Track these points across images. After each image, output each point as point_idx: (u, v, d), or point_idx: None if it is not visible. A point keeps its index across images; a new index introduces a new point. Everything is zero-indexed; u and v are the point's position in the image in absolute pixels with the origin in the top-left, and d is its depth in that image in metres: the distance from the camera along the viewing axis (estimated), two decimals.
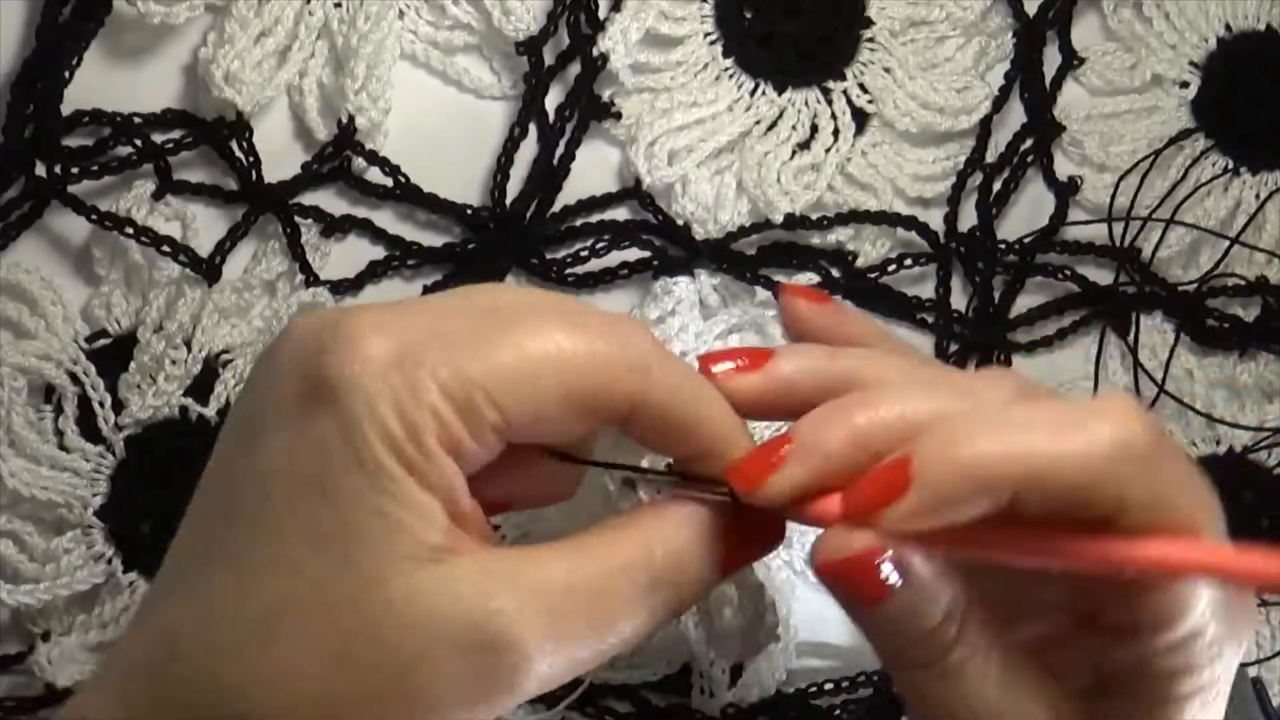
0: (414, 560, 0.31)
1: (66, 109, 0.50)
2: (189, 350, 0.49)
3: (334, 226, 0.52)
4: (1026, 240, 0.55)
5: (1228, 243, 0.55)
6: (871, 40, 0.54)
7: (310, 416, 0.31)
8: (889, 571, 0.32)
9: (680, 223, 0.53)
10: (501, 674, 0.31)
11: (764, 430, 0.44)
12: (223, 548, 0.32)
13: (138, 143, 0.50)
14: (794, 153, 0.54)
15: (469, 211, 0.52)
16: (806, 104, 0.54)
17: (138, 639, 0.33)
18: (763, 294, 0.53)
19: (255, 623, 0.31)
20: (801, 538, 0.51)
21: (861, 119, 0.54)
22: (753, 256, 0.54)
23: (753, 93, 0.54)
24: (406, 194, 0.52)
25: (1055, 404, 0.33)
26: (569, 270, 0.52)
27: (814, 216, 0.53)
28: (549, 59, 0.53)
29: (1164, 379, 0.54)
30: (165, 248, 0.49)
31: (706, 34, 0.54)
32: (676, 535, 0.34)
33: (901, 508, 0.31)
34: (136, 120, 0.50)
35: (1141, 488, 0.31)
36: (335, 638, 0.31)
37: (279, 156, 0.51)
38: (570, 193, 0.53)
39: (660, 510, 0.34)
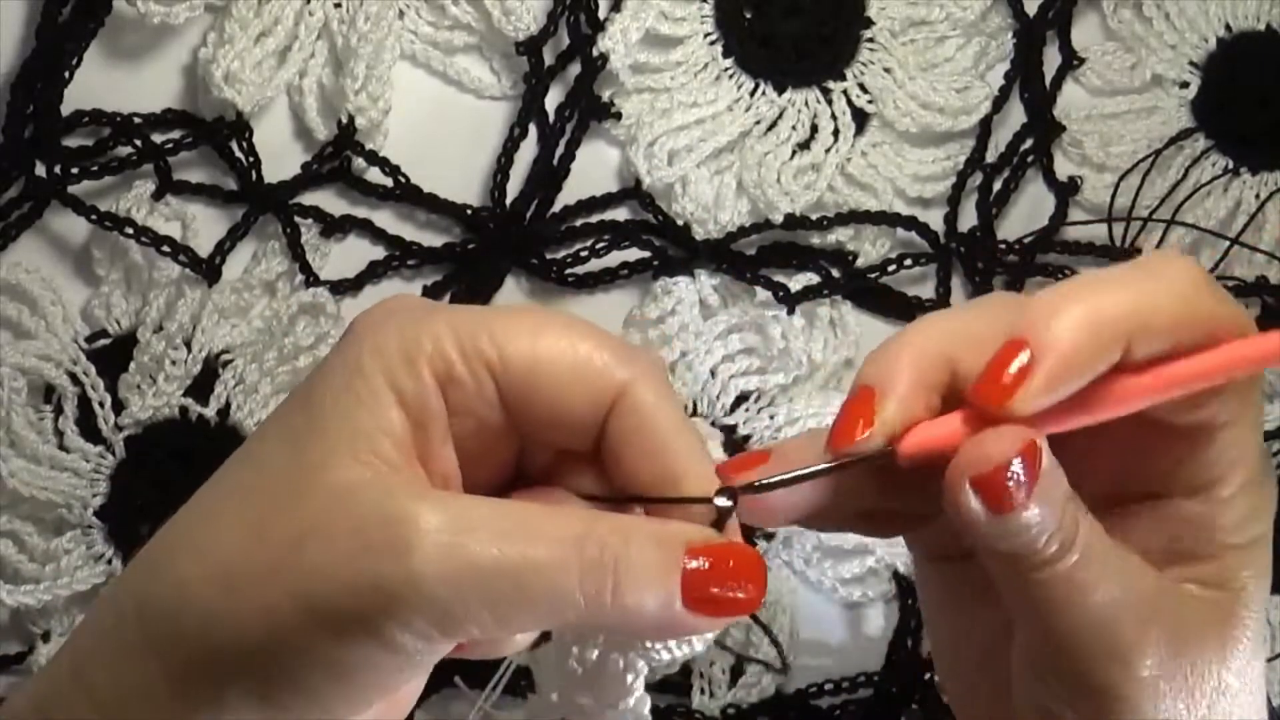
0: (354, 458, 0.31)
1: (66, 109, 0.50)
2: (189, 350, 0.49)
3: (334, 226, 0.52)
4: (1026, 240, 0.55)
5: (1226, 247, 0.55)
6: (871, 40, 0.54)
7: (325, 360, 0.33)
8: (1023, 472, 0.31)
9: (680, 223, 0.53)
10: (390, 559, 0.30)
11: None
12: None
13: (138, 143, 0.50)
14: (794, 153, 0.54)
15: (469, 211, 0.52)
16: (806, 104, 0.54)
17: None
18: (763, 294, 0.53)
19: (207, 507, 0.33)
20: (800, 537, 0.51)
21: (861, 119, 0.54)
22: (753, 256, 0.54)
23: (753, 93, 0.54)
24: (406, 194, 0.52)
25: (1120, 266, 0.34)
26: (569, 270, 0.52)
27: (814, 216, 0.53)
28: (549, 59, 0.53)
29: None
30: (165, 248, 0.49)
31: (706, 34, 0.54)
32: (629, 523, 0.32)
33: (1035, 381, 0.31)
34: (136, 120, 0.50)
35: (1223, 308, 0.33)
36: (257, 512, 0.31)
37: (279, 156, 0.51)
38: (570, 193, 0.53)
39: (621, 512, 0.34)
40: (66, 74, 0.49)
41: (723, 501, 0.33)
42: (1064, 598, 0.33)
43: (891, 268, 0.54)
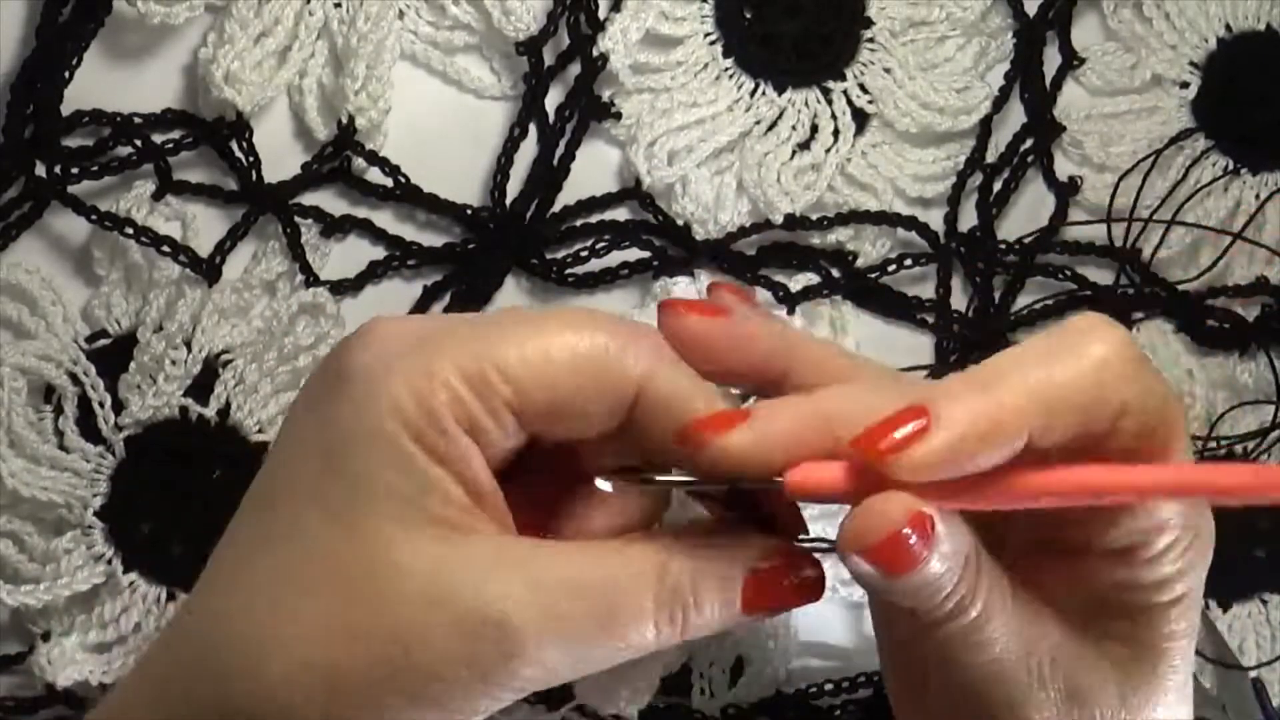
0: (422, 534, 0.31)
1: (66, 109, 0.50)
2: (189, 350, 0.49)
3: (334, 226, 0.52)
4: (1026, 240, 0.55)
5: (1228, 243, 0.55)
6: (871, 40, 0.54)
7: (329, 399, 0.33)
8: (917, 540, 0.31)
9: (680, 223, 0.53)
10: (498, 658, 0.31)
11: None
12: (239, 526, 0.34)
13: (138, 143, 0.50)
14: (794, 153, 0.54)
15: (469, 211, 0.52)
16: (806, 104, 0.54)
17: (165, 634, 0.34)
18: (763, 294, 0.53)
19: (263, 590, 0.32)
20: None
21: (861, 119, 0.54)
22: (753, 257, 0.54)
23: (753, 93, 0.54)
24: (406, 194, 0.52)
25: (1037, 339, 0.33)
26: (569, 270, 0.52)
27: (814, 216, 0.53)
28: (549, 59, 0.53)
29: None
30: (165, 248, 0.49)
31: (706, 34, 0.54)
32: (694, 553, 0.33)
33: (927, 447, 0.30)
34: (136, 120, 0.50)
35: (1139, 389, 0.32)
36: (339, 606, 0.31)
37: (279, 156, 0.51)
38: (570, 193, 0.53)
39: (687, 534, 0.34)
40: (66, 74, 0.49)
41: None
42: (960, 654, 0.34)
43: (891, 268, 0.54)
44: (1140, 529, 0.34)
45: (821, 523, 0.52)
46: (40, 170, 0.49)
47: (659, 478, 0.35)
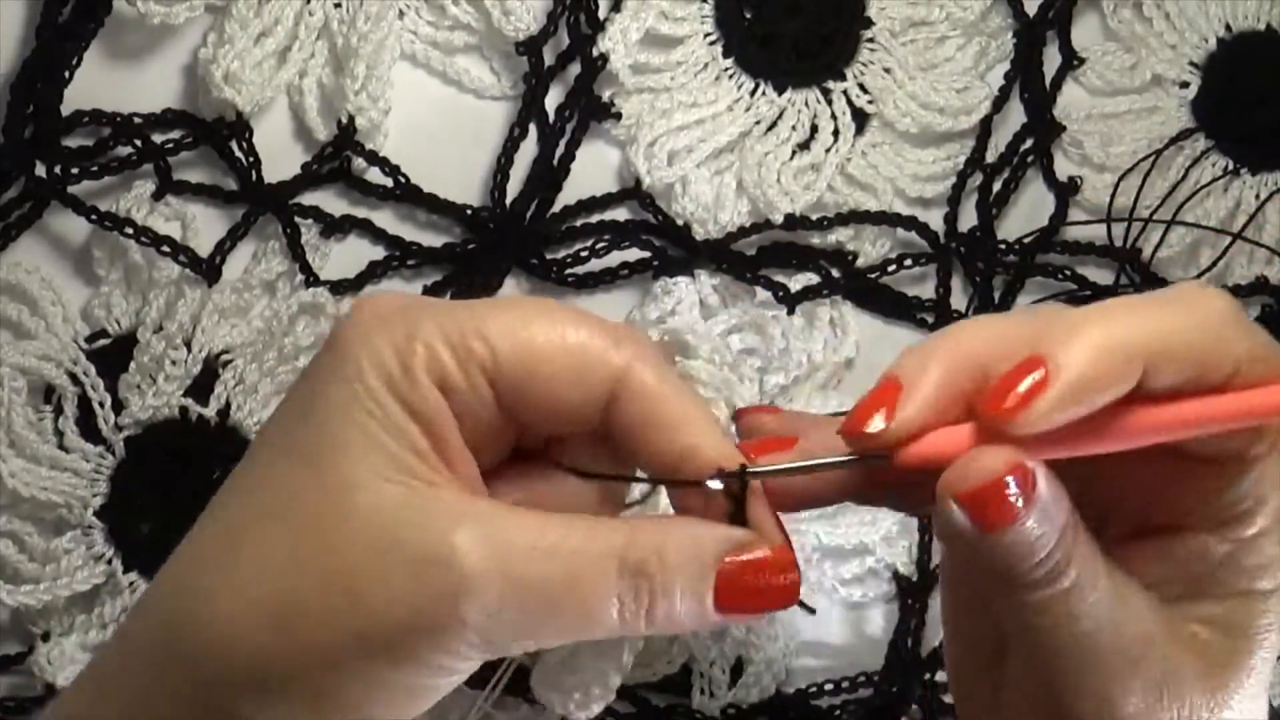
0: (384, 478, 0.31)
1: (66, 109, 0.50)
2: (189, 350, 0.49)
3: (334, 226, 0.52)
4: (1026, 240, 0.55)
5: (1228, 243, 0.55)
6: (871, 40, 0.54)
7: (314, 361, 0.33)
8: (1016, 493, 0.31)
9: (680, 223, 0.53)
10: (445, 600, 0.31)
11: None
12: (218, 493, 0.34)
13: (138, 143, 0.50)
14: (794, 153, 0.54)
15: (469, 211, 0.52)
16: (806, 104, 0.54)
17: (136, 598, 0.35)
18: (763, 294, 0.53)
19: (225, 534, 0.32)
20: (800, 537, 0.51)
21: (861, 119, 0.54)
22: (753, 256, 0.54)
23: (753, 93, 0.54)
24: (406, 194, 0.52)
25: (1154, 293, 0.34)
26: (569, 270, 0.52)
27: (814, 216, 0.53)
28: (549, 59, 0.53)
29: None
30: (165, 248, 0.49)
31: (706, 34, 0.54)
32: (666, 534, 0.33)
33: (1047, 398, 0.31)
34: (136, 120, 0.50)
35: (1250, 344, 0.32)
36: (293, 543, 0.31)
37: (279, 156, 0.51)
38: (570, 193, 0.53)
39: (658, 516, 0.34)
40: (66, 74, 0.49)
41: (714, 484, 0.33)
42: (1051, 624, 0.33)
43: (891, 268, 0.54)
44: (1245, 499, 0.34)
45: (820, 523, 0.52)
46: (40, 170, 0.49)
47: (801, 463, 0.34)
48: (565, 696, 0.43)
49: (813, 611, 0.41)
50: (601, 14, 0.53)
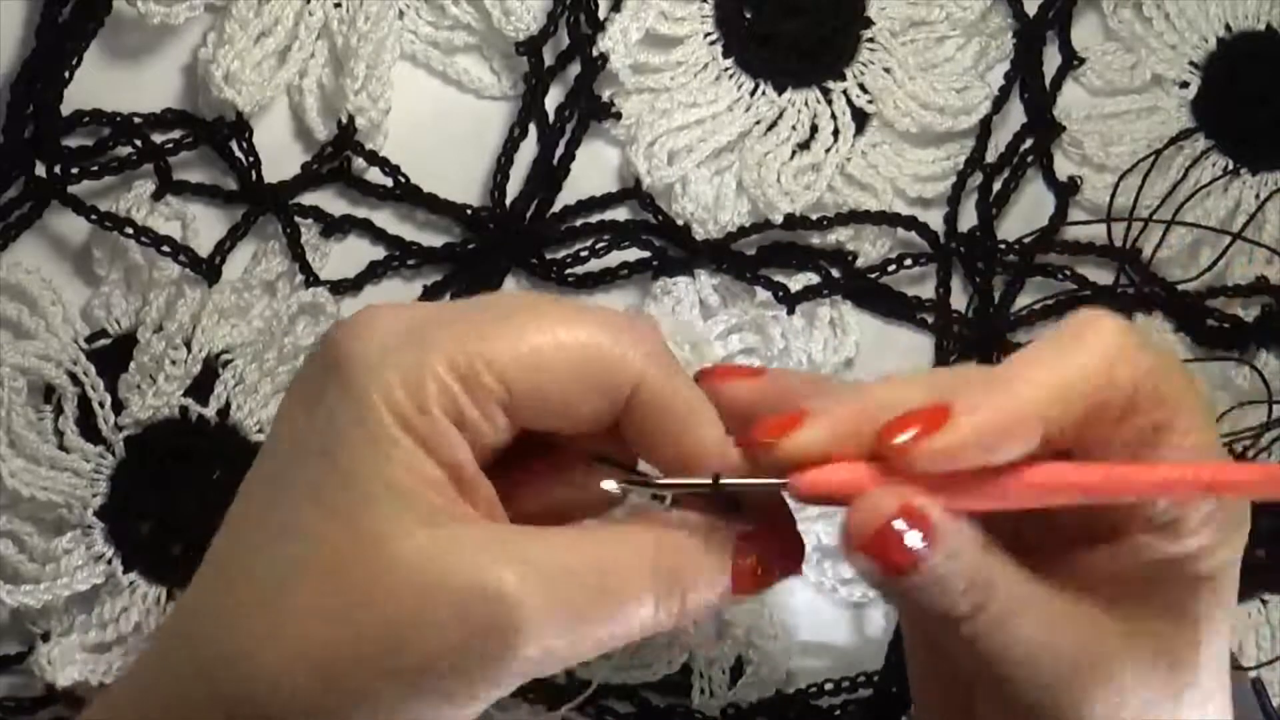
0: (416, 523, 0.31)
1: (66, 109, 0.50)
2: (189, 350, 0.49)
3: (334, 226, 0.52)
4: (1026, 240, 0.55)
5: (1228, 243, 0.55)
6: (871, 40, 0.54)
7: (321, 391, 0.33)
8: (914, 534, 0.32)
9: (680, 223, 0.53)
10: (497, 640, 0.31)
11: None
12: (235, 522, 0.34)
13: (138, 143, 0.50)
14: (794, 153, 0.54)
15: (469, 211, 0.52)
16: (806, 104, 0.54)
17: (162, 629, 0.34)
18: (763, 294, 0.53)
19: (261, 586, 0.32)
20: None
21: (861, 119, 0.54)
22: (753, 257, 0.54)
23: (753, 93, 0.54)
24: (406, 194, 0.52)
25: (1046, 339, 0.34)
26: (569, 270, 0.52)
27: (814, 216, 0.53)
28: (549, 59, 0.53)
29: None
30: (165, 248, 0.49)
31: (706, 34, 0.54)
32: (686, 536, 0.34)
33: (941, 438, 0.31)
34: (136, 120, 0.50)
35: (1147, 369, 0.33)
36: (336, 597, 0.31)
37: (279, 156, 0.51)
38: (570, 193, 0.53)
39: (673, 513, 0.34)
40: (66, 74, 0.49)
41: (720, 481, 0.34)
42: (988, 654, 0.33)
43: (891, 268, 0.54)
44: (1177, 504, 0.34)
45: (821, 523, 0.52)
46: (40, 170, 0.49)
47: (659, 481, 0.35)
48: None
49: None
50: (601, 14, 0.53)
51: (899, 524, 0.31)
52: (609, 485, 0.35)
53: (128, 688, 0.35)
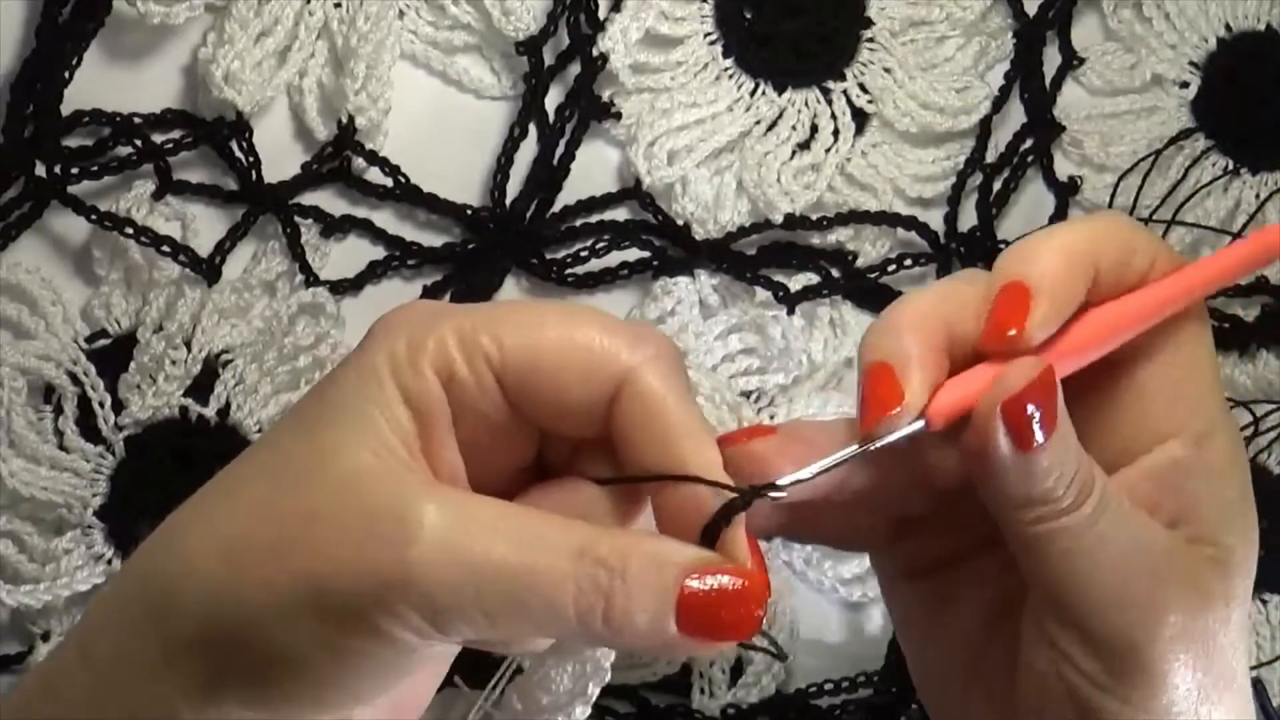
0: (367, 450, 0.32)
1: (66, 109, 0.50)
2: (189, 350, 0.49)
3: (334, 226, 0.52)
4: None
5: (1228, 243, 0.55)
6: (871, 40, 0.54)
7: (344, 361, 0.34)
8: (1038, 409, 0.33)
9: (680, 223, 0.53)
10: (392, 552, 0.30)
11: None
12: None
13: (138, 143, 0.50)
14: (794, 153, 0.54)
15: (469, 211, 0.52)
16: (806, 104, 0.54)
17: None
18: (763, 294, 0.53)
19: (223, 487, 0.34)
20: None
21: (861, 119, 0.54)
22: (753, 256, 0.54)
23: (753, 93, 0.54)
24: (406, 194, 0.52)
25: (1062, 223, 0.38)
26: (569, 270, 0.52)
27: (814, 216, 0.53)
28: (549, 59, 0.53)
29: None
30: (165, 248, 0.49)
31: (706, 34, 0.54)
32: (629, 543, 0.31)
33: (1039, 307, 0.34)
34: (136, 120, 0.50)
35: (1157, 241, 0.37)
36: (267, 493, 0.32)
37: (279, 156, 0.51)
38: (570, 193, 0.53)
39: (632, 530, 0.33)
40: (66, 74, 0.49)
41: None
42: (1084, 550, 0.34)
43: (891, 268, 0.54)
44: (1177, 410, 0.36)
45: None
46: (40, 170, 0.49)
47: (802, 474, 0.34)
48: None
49: (784, 658, 0.44)
50: (601, 14, 0.53)
51: (1032, 402, 0.33)
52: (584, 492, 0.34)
53: (75, 627, 0.36)
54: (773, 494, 0.33)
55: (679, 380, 0.34)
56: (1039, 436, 0.33)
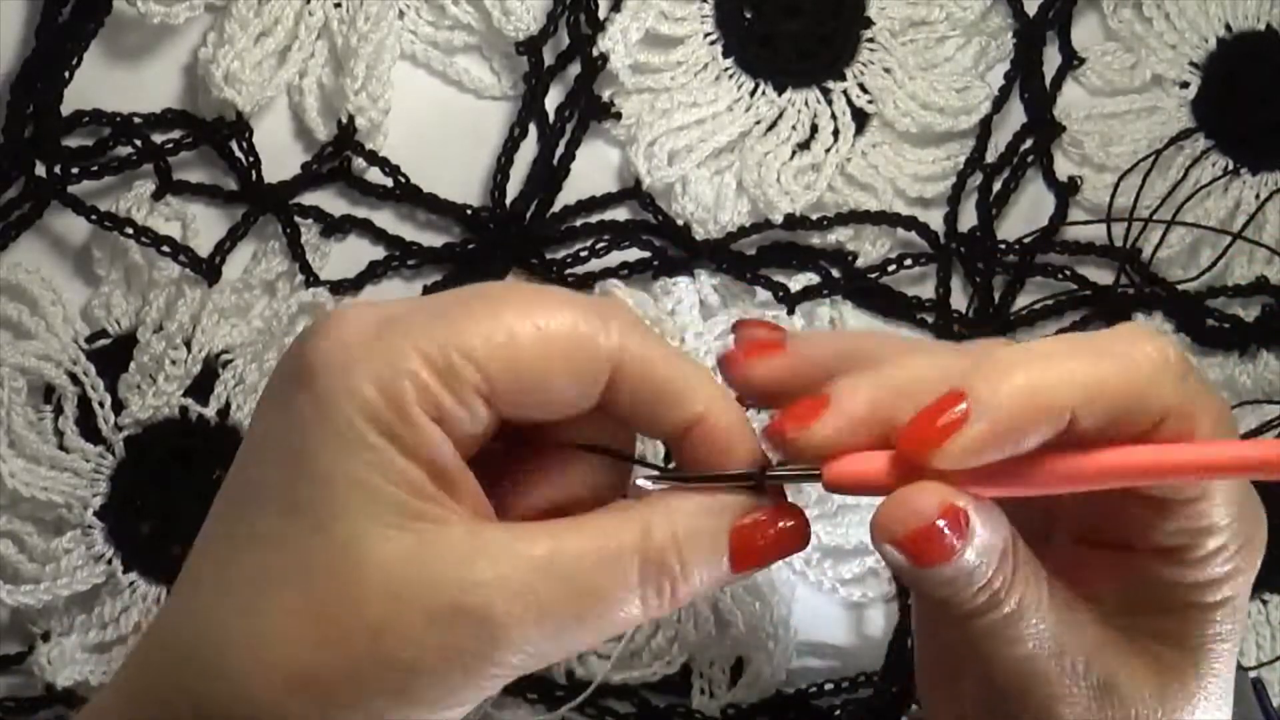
0: (388, 527, 0.31)
1: (66, 109, 0.50)
2: (189, 350, 0.49)
3: (334, 226, 0.52)
4: (1026, 240, 0.55)
5: (1228, 243, 0.55)
6: (871, 40, 0.54)
7: (292, 396, 0.32)
8: (950, 534, 0.31)
9: (680, 223, 0.53)
10: (477, 646, 0.30)
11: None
12: (213, 528, 0.33)
13: (138, 143, 0.50)
14: (794, 153, 0.54)
15: (469, 211, 0.52)
16: (806, 104, 0.54)
17: (143, 637, 0.34)
18: (763, 294, 0.53)
19: (237, 595, 0.32)
20: None
21: (861, 119, 0.54)
22: (753, 256, 0.54)
23: (753, 93, 0.54)
24: (406, 194, 0.52)
25: (1088, 335, 0.33)
26: (569, 270, 0.52)
27: (814, 216, 0.53)
28: (549, 59, 0.53)
29: None
30: (165, 248, 0.49)
31: (706, 34, 0.54)
32: (677, 521, 0.33)
33: (965, 434, 0.31)
34: (136, 120, 0.50)
35: (1179, 396, 0.32)
36: (312, 605, 0.31)
37: (279, 156, 0.51)
38: (570, 193, 0.53)
39: (666, 497, 0.34)
40: (66, 74, 0.49)
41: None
42: (993, 648, 0.34)
43: (891, 268, 0.54)
44: (1191, 529, 0.34)
45: (821, 523, 0.52)
46: (40, 170, 0.49)
47: (696, 474, 0.34)
48: None
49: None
50: (601, 14, 0.53)
51: (939, 521, 0.31)
52: (644, 483, 0.34)
53: (111, 693, 0.34)
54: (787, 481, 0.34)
55: (657, 340, 0.34)
56: (933, 559, 0.32)
